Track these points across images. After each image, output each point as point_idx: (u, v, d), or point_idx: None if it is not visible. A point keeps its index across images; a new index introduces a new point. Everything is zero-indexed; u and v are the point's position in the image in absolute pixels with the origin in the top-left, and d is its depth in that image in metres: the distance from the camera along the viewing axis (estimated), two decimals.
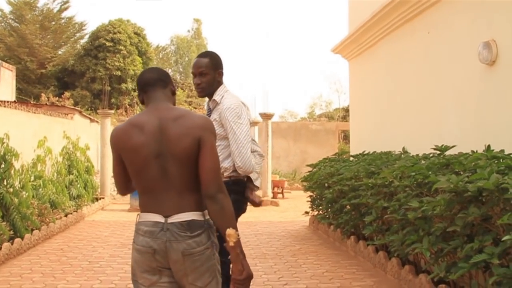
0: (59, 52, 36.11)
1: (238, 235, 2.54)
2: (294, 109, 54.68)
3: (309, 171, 10.04)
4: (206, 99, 4.18)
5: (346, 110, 29.10)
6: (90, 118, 17.33)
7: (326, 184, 8.80)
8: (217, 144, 3.07)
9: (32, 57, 33.19)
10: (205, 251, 2.61)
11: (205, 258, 2.62)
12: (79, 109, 17.65)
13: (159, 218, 2.59)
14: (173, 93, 2.84)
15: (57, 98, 26.27)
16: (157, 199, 2.62)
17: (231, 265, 2.63)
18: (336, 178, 7.91)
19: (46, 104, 18.54)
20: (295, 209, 13.79)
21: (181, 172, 2.59)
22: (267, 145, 15.16)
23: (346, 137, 22.92)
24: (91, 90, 31.56)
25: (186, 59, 52.30)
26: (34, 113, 12.06)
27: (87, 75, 31.77)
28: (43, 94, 26.61)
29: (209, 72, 3.94)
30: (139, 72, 32.53)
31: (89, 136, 15.94)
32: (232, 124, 3.81)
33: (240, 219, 3.55)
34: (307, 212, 10.33)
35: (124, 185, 2.83)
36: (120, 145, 2.67)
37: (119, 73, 31.66)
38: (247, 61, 75.58)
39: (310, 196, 10.15)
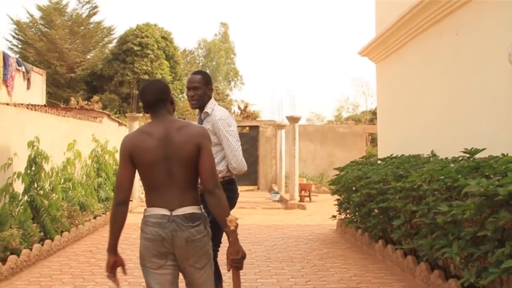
0: (88, 57, 36.53)
1: (237, 220, 3.07)
2: (321, 112, 54.48)
3: (336, 175, 9.99)
4: (197, 111, 4.73)
5: (373, 112, 28.93)
6: (118, 122, 17.46)
7: (353, 188, 8.75)
8: None
9: (62, 61, 33.64)
10: (203, 238, 3.16)
11: (203, 244, 3.17)
12: (107, 112, 17.78)
13: (165, 211, 3.10)
14: (172, 103, 3.34)
15: (86, 101, 26.54)
16: (162, 196, 3.13)
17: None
18: (364, 182, 7.87)
19: (75, 107, 18.70)
20: (322, 212, 13.73)
21: (183, 173, 3.12)
22: (294, 148, 15.13)
23: (373, 140, 22.75)
24: (119, 93, 31.87)
25: (214, 63, 52.50)
26: (64, 116, 12.19)
27: (115, 79, 32.10)
28: (72, 98, 26.91)
29: (201, 87, 4.51)
30: (166, 75, 32.87)
31: (117, 139, 16.05)
32: (225, 133, 4.40)
33: (267, 222, 4.11)
34: (334, 216, 10.29)
35: (126, 188, 3.16)
36: (134, 147, 3.14)
37: (146, 77, 31.90)
38: (274, 65, 75.56)
39: (338, 199, 10.10)
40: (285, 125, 18.30)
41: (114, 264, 3.32)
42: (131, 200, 14.23)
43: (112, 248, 3.29)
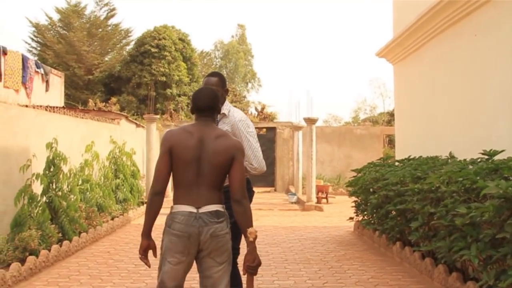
0: (106, 59, 36.74)
1: (256, 233, 3.30)
2: (338, 114, 54.43)
3: (353, 176, 9.97)
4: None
5: (391, 114, 28.80)
6: (136, 123, 17.57)
7: (371, 189, 8.72)
8: None
9: (80, 63, 33.89)
10: (226, 235, 3.39)
11: (225, 241, 3.39)
12: (125, 114, 17.88)
13: (192, 209, 3.33)
14: (218, 112, 3.66)
15: (104, 103, 26.76)
16: (190, 193, 3.36)
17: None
18: (382, 183, 7.84)
19: (93, 109, 18.89)
20: (339, 214, 13.70)
21: (212, 176, 3.37)
22: (311, 150, 15.10)
23: (391, 141, 22.66)
24: (137, 95, 32.05)
25: (231, 64, 52.55)
26: (82, 118, 12.30)
27: (133, 80, 32.27)
28: (90, 100, 27.14)
29: (218, 89, 4.46)
30: (184, 77, 32.95)
31: (135, 140, 16.16)
32: (246, 134, 4.48)
33: (284, 224, 4.40)
34: (351, 218, 10.26)
35: (164, 179, 3.39)
36: (175, 142, 3.39)
37: (164, 78, 32.05)
38: (291, 66, 75.45)
39: (355, 201, 10.07)
40: (302, 127, 18.26)
41: (147, 247, 3.49)
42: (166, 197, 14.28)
43: (146, 233, 3.47)
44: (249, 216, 3.37)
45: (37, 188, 8.21)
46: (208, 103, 3.52)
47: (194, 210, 3.32)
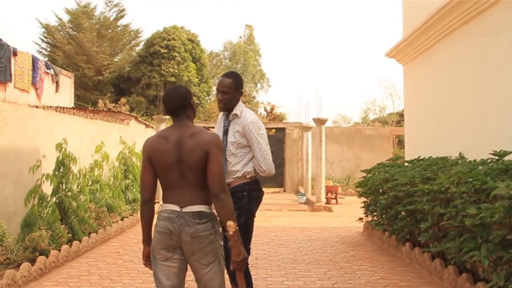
0: (115, 59, 36.84)
1: (236, 226, 3.26)
2: (347, 114, 54.21)
3: (363, 177, 9.95)
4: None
5: (401, 114, 28.74)
6: (145, 124, 17.60)
7: (380, 190, 8.70)
8: (238, 151, 4.54)
9: (90, 64, 34.00)
10: (209, 236, 3.35)
11: (209, 241, 3.35)
12: (135, 114, 17.93)
13: (175, 207, 3.37)
14: (192, 108, 3.57)
15: (113, 104, 26.79)
16: (175, 194, 3.40)
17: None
18: (391, 184, 7.82)
19: (103, 110, 18.90)
20: (348, 215, 13.69)
21: (194, 176, 3.37)
22: (320, 150, 15.09)
23: (400, 142, 22.60)
24: (146, 96, 32.12)
25: (240, 65, 52.55)
26: (92, 119, 12.34)
27: (142, 81, 32.36)
28: (100, 100, 27.18)
29: (231, 91, 4.60)
30: (193, 78, 33.04)
31: (144, 141, 16.17)
32: (257, 136, 4.52)
33: (294, 225, 4.27)
34: (361, 218, 10.24)
35: (149, 188, 3.47)
36: (152, 151, 3.43)
37: (173, 79, 32.09)
38: (300, 66, 75.37)
39: (364, 202, 10.06)
40: (312, 127, 18.25)
41: (149, 253, 3.53)
42: (158, 202, 14.31)
43: (146, 239, 3.58)
44: (228, 210, 3.32)
45: (47, 188, 8.25)
46: (176, 102, 3.49)
47: (178, 209, 3.35)
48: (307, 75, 72.57)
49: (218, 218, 3.41)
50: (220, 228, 3.48)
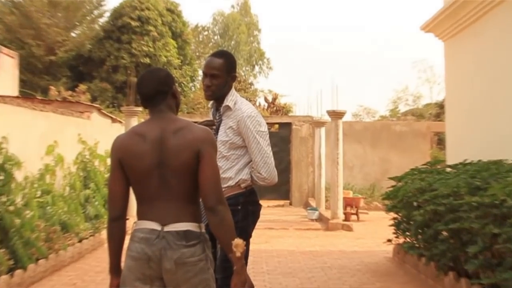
0: (73, 35, 36.81)
1: (245, 245, 3.21)
2: (371, 106, 54.39)
3: (392, 186, 9.94)
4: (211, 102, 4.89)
5: (440, 105, 28.73)
6: (111, 118, 17.57)
7: (415, 203, 8.67)
8: (231, 153, 4.50)
9: (39, 40, 33.89)
10: (198, 263, 3.27)
11: (198, 270, 3.27)
12: (98, 106, 17.90)
13: (155, 225, 3.27)
14: (174, 97, 3.52)
15: (70, 92, 26.76)
16: (155, 208, 3.32)
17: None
18: (429, 195, 7.78)
19: (56, 99, 18.83)
20: (373, 235, 13.71)
21: (180, 184, 3.30)
22: (337, 152, 15.07)
23: (440, 141, 22.58)
24: (113, 82, 32.11)
25: (233, 42, 52.66)
26: (42, 111, 12.28)
27: (107, 63, 32.36)
28: (52, 87, 27.11)
29: (221, 75, 4.56)
30: (173, 59, 33.12)
31: (110, 139, 16.02)
32: (255, 134, 4.48)
33: (303, 248, 4.19)
34: (390, 240, 10.20)
35: (120, 200, 3.39)
36: (123, 152, 3.37)
37: (148, 60, 32.08)
38: (311, 45, 75.51)
39: (394, 218, 10.03)
40: (326, 122, 18.26)
41: (118, 286, 3.47)
42: (128, 218, 14.23)
43: (114, 268, 3.50)
44: (228, 227, 3.29)
45: None
46: (154, 86, 3.43)
47: (158, 228, 3.26)
48: (319, 55, 72.65)
49: (218, 242, 3.41)
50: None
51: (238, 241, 3.19)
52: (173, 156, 3.27)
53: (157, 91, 3.42)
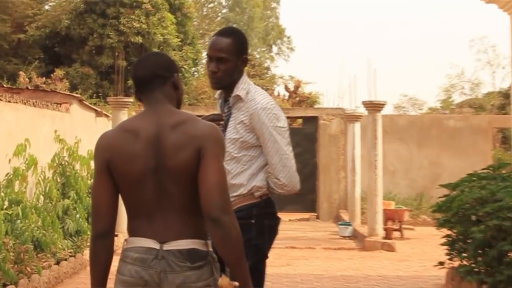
0: (46, 7, 36.87)
1: (234, 285, 3.13)
2: (417, 95, 54.31)
3: (444, 195, 9.91)
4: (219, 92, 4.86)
5: (506, 95, 28.67)
6: (96, 110, 17.64)
7: (473, 217, 8.66)
8: (242, 154, 4.43)
9: (5, 15, 34.01)
10: None
11: None
12: (78, 96, 17.94)
13: (152, 243, 3.22)
14: (176, 87, 3.51)
15: (44, 78, 26.84)
16: (151, 222, 3.27)
17: None
18: (491, 207, 7.78)
19: (27, 88, 18.92)
20: (421, 256, 13.71)
21: (181, 191, 3.25)
22: (375, 153, 15.04)
23: (506, 139, 22.54)
24: (96, 66, 32.10)
25: (245, 17, 52.62)
26: (9, 102, 12.33)
27: (90, 43, 32.30)
28: (22, 73, 27.23)
29: (230, 58, 4.51)
30: (171, 37, 32.99)
31: (94, 137, 16.08)
32: (272, 130, 4.42)
33: (333, 272, 4.15)
34: (442, 263, 10.18)
35: (106, 212, 3.32)
36: (111, 153, 3.31)
37: (139, 39, 32.02)
38: (341, 21, 75.44)
39: (447, 235, 10.01)
40: (361, 116, 18.26)
41: None
42: (117, 235, 14.23)
43: None
44: (234, 243, 3.19)
45: None
46: (151, 69, 3.42)
47: (156, 246, 3.20)
48: (352, 34, 72.52)
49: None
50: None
51: (222, 281, 3.17)
52: (172, 156, 3.22)
53: (155, 74, 3.40)
